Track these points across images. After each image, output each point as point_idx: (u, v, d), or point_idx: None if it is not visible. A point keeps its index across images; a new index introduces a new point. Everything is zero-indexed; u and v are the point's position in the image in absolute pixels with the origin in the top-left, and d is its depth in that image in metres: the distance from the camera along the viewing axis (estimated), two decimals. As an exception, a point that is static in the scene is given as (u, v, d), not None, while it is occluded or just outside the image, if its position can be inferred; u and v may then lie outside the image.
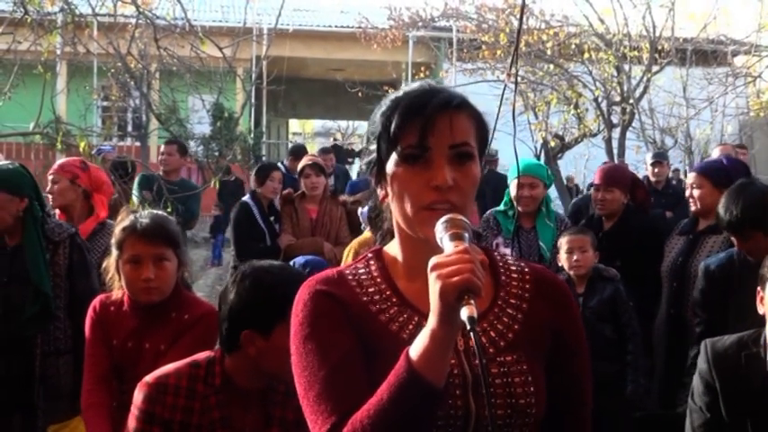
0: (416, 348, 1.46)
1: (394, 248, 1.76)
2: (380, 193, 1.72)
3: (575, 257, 4.78)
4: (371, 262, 1.77)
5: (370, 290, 1.71)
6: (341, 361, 1.60)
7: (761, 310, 2.93)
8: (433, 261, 1.44)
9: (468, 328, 1.38)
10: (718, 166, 4.99)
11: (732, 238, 4.08)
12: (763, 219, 3.92)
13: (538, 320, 1.72)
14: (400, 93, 1.70)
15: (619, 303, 4.75)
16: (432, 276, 1.43)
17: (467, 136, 1.64)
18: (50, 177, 4.87)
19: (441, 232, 1.52)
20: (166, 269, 3.18)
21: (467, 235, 1.51)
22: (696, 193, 4.84)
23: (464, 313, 1.39)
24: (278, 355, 2.37)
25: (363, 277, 1.73)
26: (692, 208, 4.93)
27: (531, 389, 1.63)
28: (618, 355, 4.73)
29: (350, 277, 1.73)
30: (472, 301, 1.39)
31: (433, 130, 1.60)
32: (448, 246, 1.49)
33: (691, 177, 5.07)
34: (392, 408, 1.46)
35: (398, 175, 1.64)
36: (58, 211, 4.87)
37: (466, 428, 1.59)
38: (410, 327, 1.65)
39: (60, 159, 5.28)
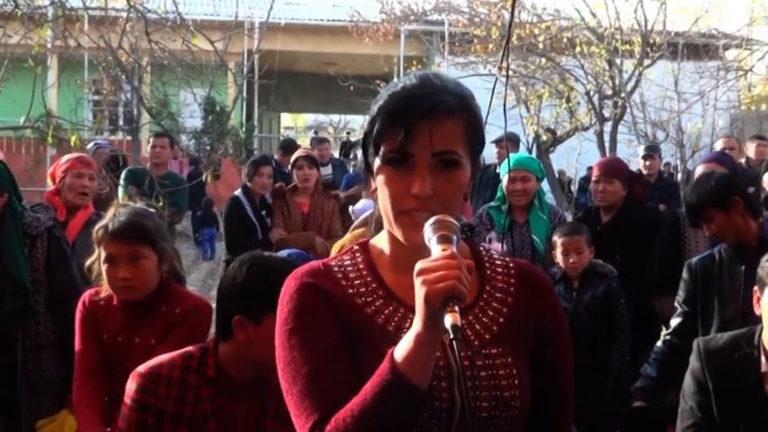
0: (401, 350, 1.47)
1: (382, 241, 1.75)
2: (372, 185, 1.71)
3: (571, 260, 4.81)
4: (357, 254, 1.76)
5: (356, 282, 1.70)
6: (326, 356, 1.59)
7: (758, 311, 2.93)
8: (419, 266, 1.44)
9: (452, 337, 1.38)
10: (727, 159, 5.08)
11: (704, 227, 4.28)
12: (719, 198, 4.11)
13: (522, 314, 1.73)
14: (398, 86, 1.66)
15: (611, 299, 4.77)
16: (418, 281, 1.43)
17: (452, 143, 1.60)
18: (87, 172, 4.89)
19: (429, 233, 1.51)
20: (143, 267, 3.16)
21: (455, 237, 1.50)
22: None
23: (448, 321, 1.39)
24: (268, 343, 2.39)
25: (349, 269, 1.73)
26: None
27: (516, 381, 1.64)
28: (605, 351, 4.75)
29: (336, 269, 1.73)
30: (457, 308, 1.40)
31: (413, 138, 1.58)
32: (435, 249, 1.48)
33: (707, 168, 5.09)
34: (375, 408, 1.47)
35: (382, 176, 1.64)
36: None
37: (451, 420, 1.60)
38: (395, 319, 1.65)
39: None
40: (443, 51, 18.68)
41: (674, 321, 4.28)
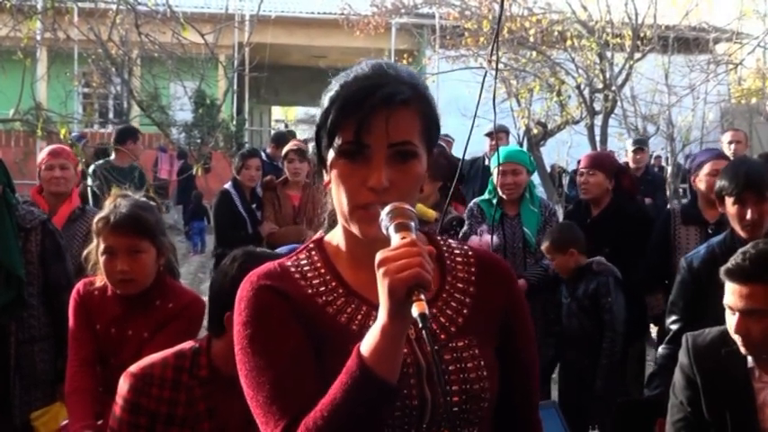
0: (367, 344, 1.43)
1: (337, 237, 1.70)
2: (325, 178, 1.65)
3: (553, 263, 4.94)
4: (313, 252, 1.71)
5: (315, 282, 1.65)
6: (289, 360, 1.55)
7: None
8: (379, 255, 1.39)
9: (421, 326, 1.35)
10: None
11: (731, 211, 3.80)
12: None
13: (486, 303, 1.70)
14: (349, 77, 1.61)
15: (600, 296, 4.77)
16: (380, 272, 1.38)
17: (408, 134, 1.56)
18: (57, 162, 4.83)
19: (386, 222, 1.47)
20: (142, 261, 3.15)
21: (413, 224, 1.47)
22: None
23: (415, 311, 1.35)
24: None
25: (306, 269, 1.68)
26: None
27: (484, 373, 1.61)
28: (596, 348, 4.75)
29: (293, 269, 1.67)
30: (422, 297, 1.36)
31: (369, 129, 1.52)
32: (394, 237, 1.44)
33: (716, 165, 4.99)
34: (345, 406, 1.42)
35: (336, 169, 1.58)
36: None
37: (422, 417, 1.56)
38: (359, 318, 1.61)
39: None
40: (434, 45, 18.66)
41: (673, 327, 3.96)
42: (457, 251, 1.76)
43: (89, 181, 7.12)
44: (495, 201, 5.29)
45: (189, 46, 9.25)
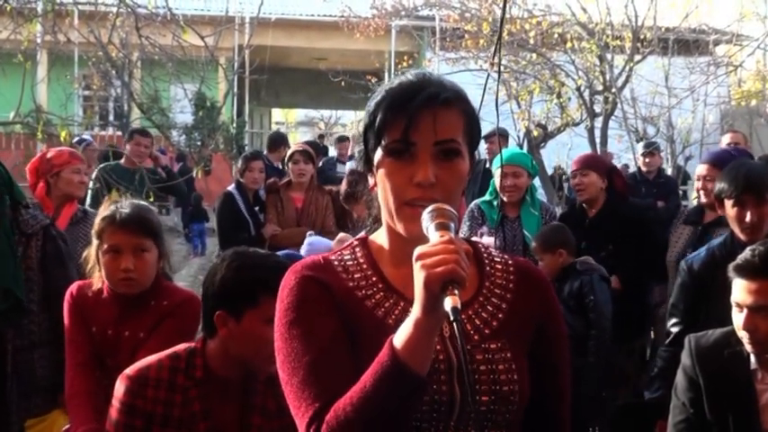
0: (400, 337, 1.47)
1: (381, 237, 1.76)
2: (371, 181, 1.72)
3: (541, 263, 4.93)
4: (357, 249, 1.77)
5: (356, 276, 1.71)
6: (326, 347, 1.60)
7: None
8: (418, 251, 1.44)
9: (452, 318, 1.39)
10: (729, 158, 4.89)
11: (731, 213, 3.72)
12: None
13: (522, 311, 1.74)
14: (394, 83, 1.69)
15: (583, 295, 4.76)
16: (416, 266, 1.43)
17: (453, 132, 1.63)
18: (83, 167, 4.89)
19: (427, 221, 1.52)
20: (146, 260, 3.16)
21: (452, 225, 1.51)
22: (710, 185, 4.56)
23: (448, 304, 1.39)
24: (247, 340, 2.42)
25: (349, 263, 1.74)
26: (703, 200, 4.88)
27: (515, 376, 1.64)
28: (583, 349, 4.74)
29: (336, 263, 1.74)
30: (456, 292, 1.40)
31: (416, 127, 1.60)
32: (433, 235, 1.49)
33: (703, 169, 5.00)
34: (375, 396, 1.47)
35: (383, 168, 1.65)
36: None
37: (450, 414, 1.60)
38: (395, 312, 1.66)
39: (42, 149, 5.21)
40: (434, 47, 18.67)
41: (673, 330, 3.92)
42: (497, 259, 1.82)
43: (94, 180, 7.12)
44: (495, 203, 5.30)
45: (189, 48, 9.23)
